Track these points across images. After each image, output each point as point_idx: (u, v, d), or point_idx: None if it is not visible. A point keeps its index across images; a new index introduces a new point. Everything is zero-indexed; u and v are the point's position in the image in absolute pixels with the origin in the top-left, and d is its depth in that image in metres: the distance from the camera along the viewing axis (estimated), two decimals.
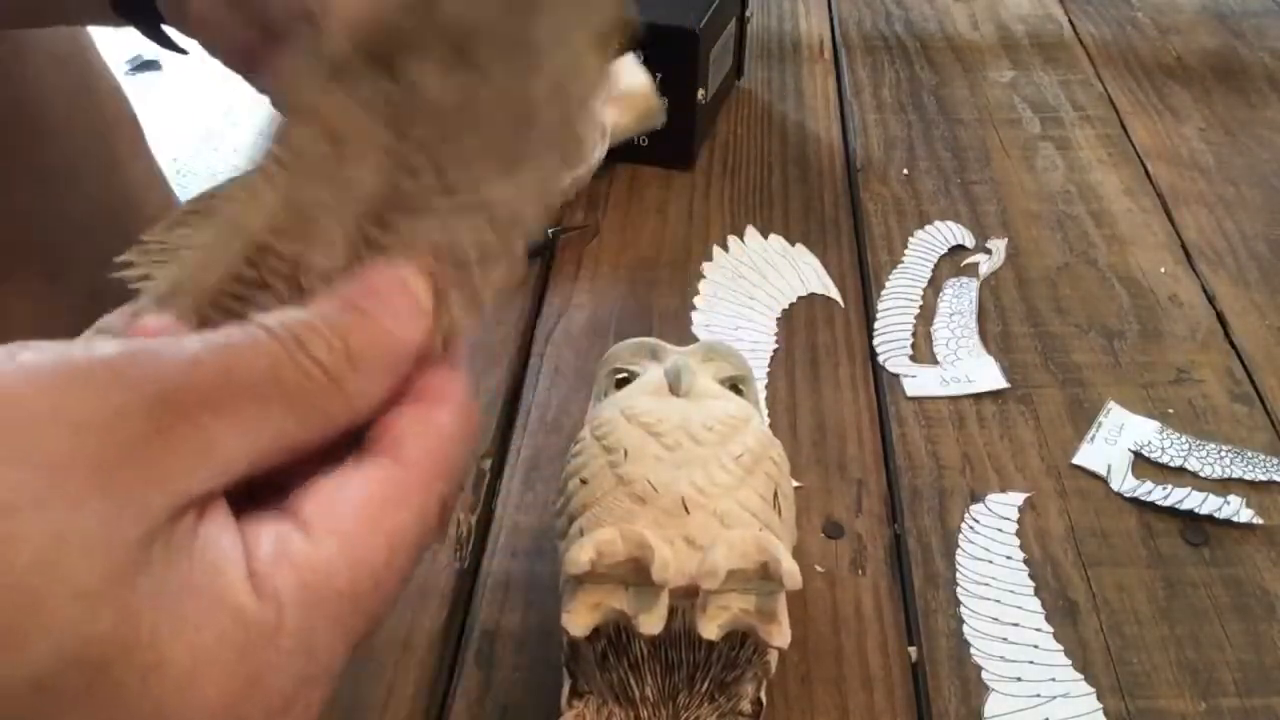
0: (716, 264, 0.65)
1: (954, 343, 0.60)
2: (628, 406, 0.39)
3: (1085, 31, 0.90)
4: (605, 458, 0.37)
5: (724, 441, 0.38)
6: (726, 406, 0.40)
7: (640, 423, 0.38)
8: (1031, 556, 0.48)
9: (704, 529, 0.35)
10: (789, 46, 0.88)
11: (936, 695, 0.43)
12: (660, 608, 0.34)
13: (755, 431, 0.39)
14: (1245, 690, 0.43)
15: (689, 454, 0.37)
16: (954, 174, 0.73)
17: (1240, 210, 0.70)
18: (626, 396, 0.40)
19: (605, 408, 0.40)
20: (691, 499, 0.36)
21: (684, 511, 0.36)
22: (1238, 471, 0.52)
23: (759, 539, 0.34)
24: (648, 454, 0.37)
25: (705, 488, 0.36)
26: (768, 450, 0.39)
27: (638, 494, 0.36)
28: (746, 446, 0.38)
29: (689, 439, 0.37)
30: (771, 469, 0.39)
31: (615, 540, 0.34)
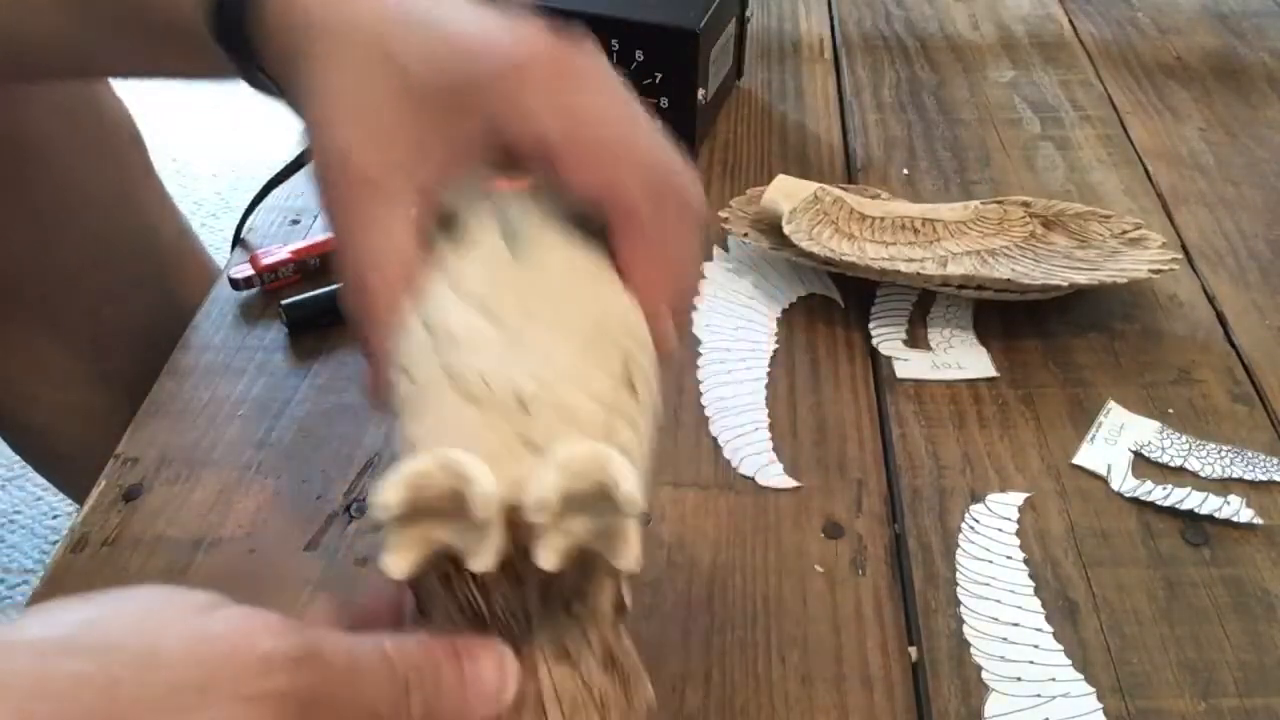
0: (716, 264, 0.65)
1: (948, 332, 0.60)
2: (452, 275, 0.34)
3: (1085, 31, 0.90)
4: (431, 342, 0.33)
5: (566, 316, 0.33)
6: (571, 262, 0.35)
7: (468, 295, 0.33)
8: (1031, 556, 0.48)
9: (547, 429, 0.30)
10: (789, 46, 0.88)
11: (936, 695, 0.43)
12: (491, 541, 0.28)
13: (601, 292, 0.34)
14: (1245, 690, 0.43)
15: (525, 336, 0.32)
16: (954, 174, 0.73)
17: (1240, 210, 0.70)
18: (450, 258, 0.35)
19: (428, 272, 0.35)
20: (529, 394, 0.31)
21: (524, 411, 0.31)
22: (1238, 471, 0.52)
23: (595, 455, 0.29)
24: (478, 338, 0.32)
25: (545, 378, 0.31)
26: (618, 316, 0.34)
27: (470, 392, 0.31)
28: (593, 320, 0.33)
29: (525, 317, 0.33)
30: (620, 335, 0.34)
31: (431, 471, 0.28)
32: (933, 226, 0.63)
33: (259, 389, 0.57)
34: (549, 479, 0.28)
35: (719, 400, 0.56)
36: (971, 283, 0.59)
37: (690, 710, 0.43)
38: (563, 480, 0.28)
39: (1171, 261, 0.60)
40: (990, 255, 0.61)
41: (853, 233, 0.63)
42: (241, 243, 0.66)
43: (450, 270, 0.35)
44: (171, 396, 0.57)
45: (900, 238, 0.62)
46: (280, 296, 0.61)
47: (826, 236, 0.62)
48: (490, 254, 0.35)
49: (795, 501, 0.51)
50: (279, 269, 0.63)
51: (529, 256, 0.35)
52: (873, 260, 0.60)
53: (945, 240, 0.62)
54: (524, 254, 0.35)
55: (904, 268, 0.59)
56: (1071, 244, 0.62)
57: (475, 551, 0.28)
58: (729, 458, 0.53)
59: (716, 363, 0.59)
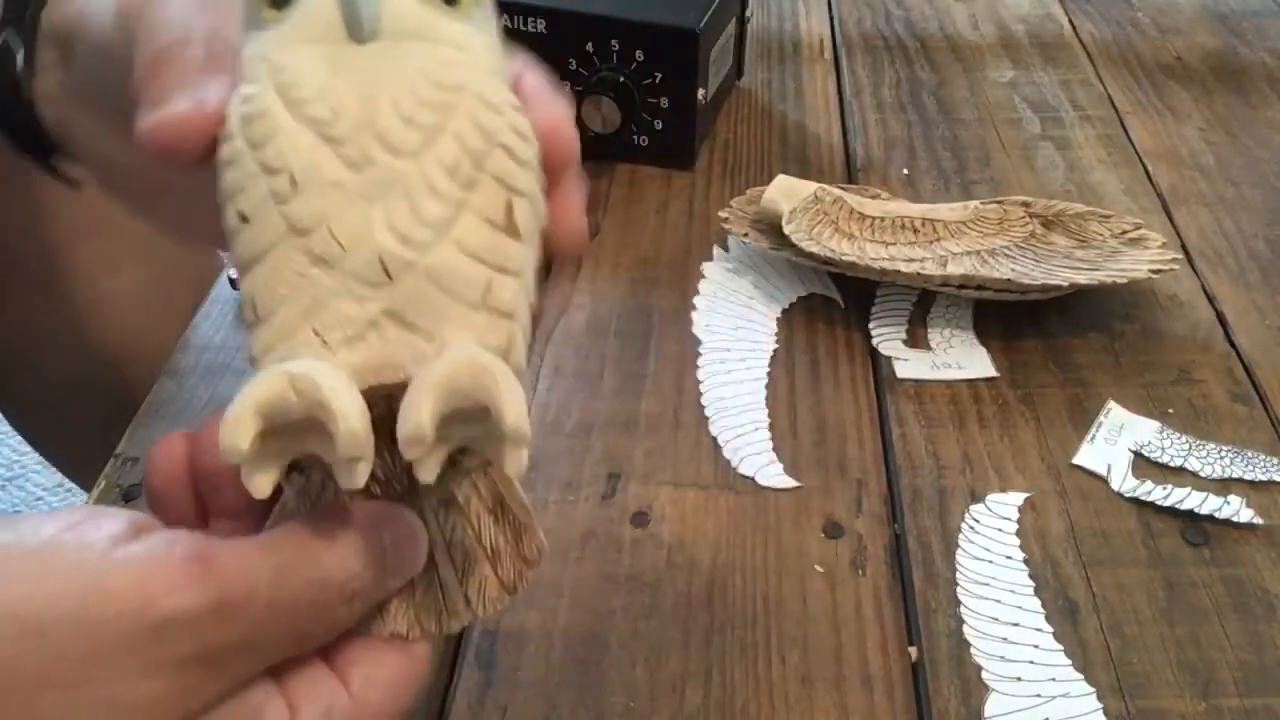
0: (716, 264, 0.65)
1: (948, 332, 0.60)
2: (283, 79, 0.27)
3: (1085, 31, 0.90)
4: (266, 182, 0.27)
5: (432, 140, 0.27)
6: (436, 62, 0.28)
7: (306, 116, 0.27)
8: (1031, 556, 0.48)
9: (414, 299, 0.26)
10: (789, 46, 0.88)
11: (936, 695, 0.43)
12: (362, 467, 0.25)
13: (475, 107, 0.28)
14: (1245, 690, 0.43)
15: (383, 175, 0.26)
16: (954, 174, 0.73)
17: (1240, 210, 0.70)
18: (279, 50, 0.27)
19: (254, 68, 0.28)
20: (392, 255, 0.26)
21: (385, 276, 0.26)
22: (1238, 471, 0.52)
23: (477, 374, 0.25)
24: (324, 179, 0.26)
25: (410, 232, 0.26)
26: (496, 135, 0.28)
27: (317, 252, 0.26)
28: (464, 145, 0.27)
29: (380, 146, 0.27)
30: (502, 164, 0.28)
31: (285, 396, 0.25)
32: (933, 226, 0.63)
33: None
34: (425, 406, 0.25)
35: (719, 400, 0.56)
36: (971, 283, 0.59)
37: (690, 710, 0.43)
38: (441, 405, 0.25)
39: (1171, 261, 0.60)
40: (990, 255, 0.61)
41: (853, 233, 0.63)
42: None
43: (273, 61, 0.27)
44: (171, 396, 0.57)
45: (900, 238, 0.62)
46: None
47: (826, 236, 0.62)
48: (326, 32, 0.27)
49: (795, 501, 0.51)
50: None
51: (380, 37, 0.27)
52: (873, 260, 0.60)
53: (945, 240, 0.62)
54: (373, 33, 0.27)
55: (904, 268, 0.59)
56: (1071, 244, 0.62)
57: (344, 472, 0.25)
58: (729, 458, 0.53)
59: (716, 363, 0.59)
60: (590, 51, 0.69)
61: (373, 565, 0.28)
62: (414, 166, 0.27)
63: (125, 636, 0.24)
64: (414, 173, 0.27)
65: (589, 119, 0.70)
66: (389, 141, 0.26)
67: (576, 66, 0.70)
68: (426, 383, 0.25)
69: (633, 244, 0.67)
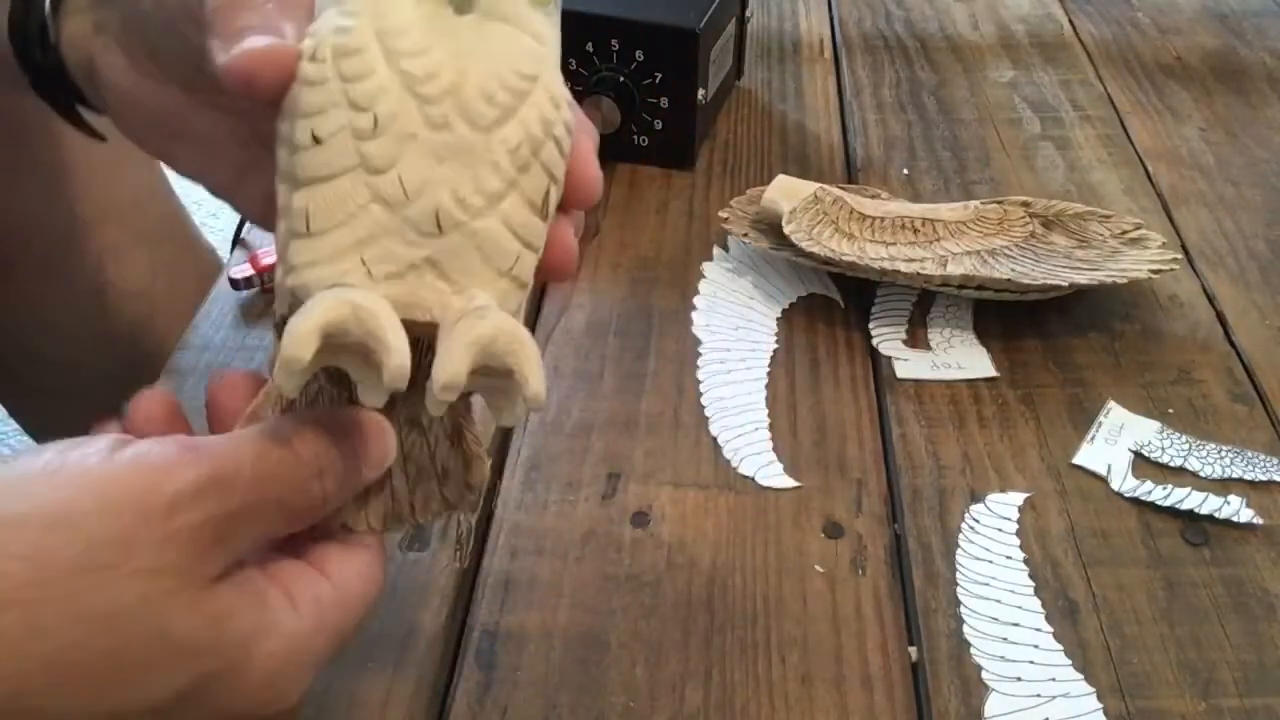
0: (716, 264, 0.65)
1: (948, 332, 0.60)
2: (385, 26, 0.29)
3: (1085, 31, 0.90)
4: (350, 115, 0.29)
5: (502, 122, 0.30)
6: (519, 49, 0.30)
7: (402, 69, 0.29)
8: (1031, 556, 0.48)
9: (455, 255, 0.30)
10: (789, 46, 0.88)
11: (936, 695, 0.43)
12: (388, 390, 0.29)
13: (543, 99, 0.31)
14: (1245, 690, 0.43)
15: (457, 141, 0.29)
16: (954, 174, 0.73)
17: (1240, 210, 0.70)
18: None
19: (351, 2, 0.30)
20: (447, 213, 0.30)
21: (436, 229, 0.30)
22: (1238, 471, 0.52)
23: (512, 337, 0.29)
24: (404, 129, 0.29)
25: (467, 196, 0.30)
26: (552, 127, 0.31)
27: (384, 194, 0.29)
28: (527, 131, 0.30)
29: (460, 115, 0.29)
30: (551, 155, 0.31)
31: (347, 324, 0.28)
32: (933, 226, 0.63)
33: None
34: (464, 360, 0.28)
35: (719, 400, 0.56)
36: (971, 283, 0.59)
37: (690, 710, 0.43)
38: (476, 361, 0.28)
39: (1171, 261, 0.60)
40: (990, 255, 0.61)
41: (853, 233, 0.63)
42: (241, 243, 0.66)
43: (377, 4, 0.30)
44: None
45: (900, 238, 0.62)
46: None
47: (826, 236, 0.62)
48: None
49: (795, 501, 0.51)
50: None
51: (477, 16, 0.30)
52: (873, 260, 0.60)
53: (945, 240, 0.62)
54: (472, 8, 0.30)
55: (904, 268, 0.59)
56: (1071, 244, 0.62)
57: (369, 391, 0.30)
58: (729, 458, 0.53)
59: (716, 363, 0.59)
60: (590, 51, 0.69)
61: (337, 447, 0.31)
62: (483, 140, 0.30)
63: (143, 517, 0.27)
64: (482, 146, 0.30)
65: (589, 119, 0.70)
66: (468, 113, 0.29)
67: (576, 66, 0.70)
68: (469, 338, 0.28)
69: (633, 244, 0.67)
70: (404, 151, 0.29)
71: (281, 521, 0.31)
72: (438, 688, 0.44)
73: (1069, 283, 0.58)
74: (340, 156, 0.29)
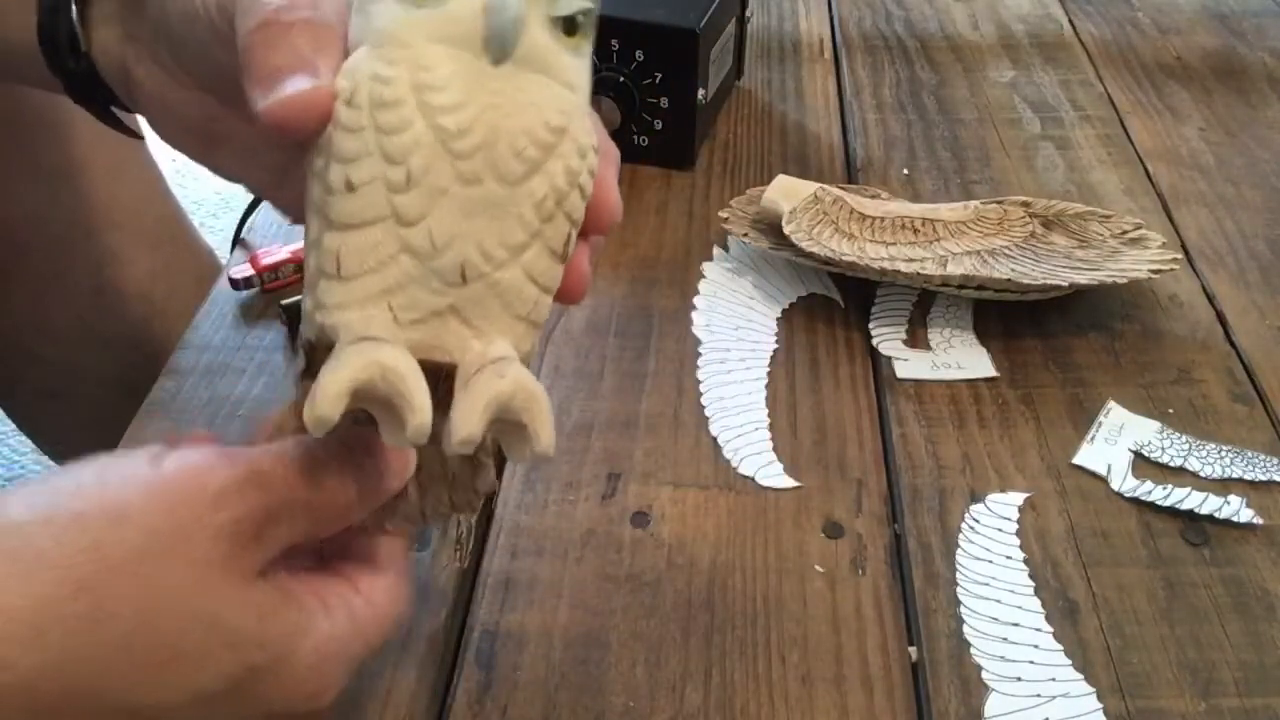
0: (716, 264, 0.65)
1: (948, 332, 0.60)
2: (423, 80, 0.29)
3: (1085, 31, 0.90)
4: (384, 167, 0.30)
5: (529, 176, 0.30)
6: (550, 101, 0.31)
7: (438, 124, 0.29)
8: (1031, 556, 0.48)
9: (477, 303, 0.31)
10: (789, 46, 0.88)
11: (936, 695, 0.43)
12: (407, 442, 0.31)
13: (569, 151, 0.31)
14: (1245, 690, 0.43)
15: (486, 196, 0.30)
16: (954, 174, 0.73)
17: (1240, 210, 0.70)
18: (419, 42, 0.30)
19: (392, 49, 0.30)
20: (472, 266, 0.30)
21: (461, 281, 0.31)
22: (1238, 471, 0.52)
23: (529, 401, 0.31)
24: (436, 185, 0.30)
25: (492, 250, 0.31)
26: (576, 177, 0.31)
27: (413, 245, 0.30)
28: (553, 184, 0.31)
29: (490, 171, 0.30)
30: (574, 203, 0.32)
31: (375, 381, 0.29)
32: (933, 226, 0.63)
33: (259, 389, 0.57)
34: (481, 418, 0.30)
35: (719, 400, 0.56)
36: (971, 283, 0.59)
37: (690, 710, 0.43)
38: (493, 416, 0.30)
39: (1171, 261, 0.60)
40: (990, 255, 0.61)
41: (853, 233, 0.63)
42: (241, 243, 0.66)
43: (416, 56, 0.30)
44: (171, 396, 0.57)
45: (900, 238, 0.62)
46: (280, 296, 0.61)
47: (826, 236, 0.62)
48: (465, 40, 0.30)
49: (795, 501, 0.51)
50: (279, 269, 0.63)
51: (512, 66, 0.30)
52: (873, 260, 0.60)
53: (945, 240, 0.62)
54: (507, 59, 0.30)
55: (904, 268, 0.59)
56: (1071, 244, 0.62)
57: (391, 435, 0.31)
58: (729, 458, 0.53)
59: (716, 363, 0.59)
60: None
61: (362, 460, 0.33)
62: (510, 195, 0.30)
63: (193, 512, 0.29)
64: (509, 200, 0.30)
65: None
66: (499, 169, 0.30)
67: None
68: (488, 396, 0.30)
69: (633, 244, 0.67)
70: (435, 205, 0.30)
71: (311, 525, 0.32)
72: (438, 688, 0.44)
73: (1069, 283, 0.58)
74: (373, 207, 0.30)
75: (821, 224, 0.63)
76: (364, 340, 0.30)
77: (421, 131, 0.29)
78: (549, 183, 0.31)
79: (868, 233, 0.63)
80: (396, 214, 0.30)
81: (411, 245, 0.30)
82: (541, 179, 0.31)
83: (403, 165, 0.29)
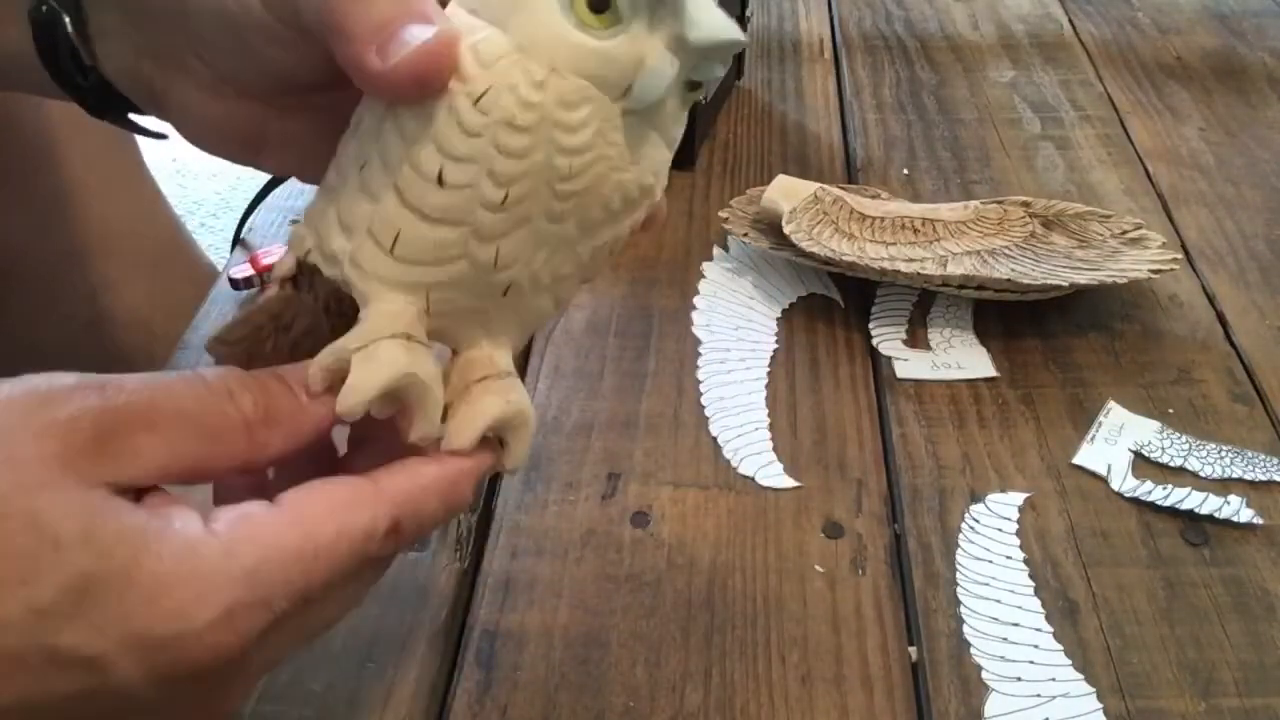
0: (716, 264, 0.65)
1: (949, 332, 0.60)
2: (561, 107, 0.29)
3: (1085, 31, 0.90)
4: (484, 182, 0.29)
5: (606, 225, 0.31)
6: (653, 162, 0.31)
7: (554, 164, 0.29)
8: (1031, 556, 0.48)
9: (503, 314, 0.32)
10: (789, 46, 0.88)
11: (936, 695, 0.43)
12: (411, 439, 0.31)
13: (647, 206, 0.32)
14: (1245, 690, 0.43)
15: (562, 233, 0.30)
16: (954, 174, 0.73)
17: (1240, 210, 0.70)
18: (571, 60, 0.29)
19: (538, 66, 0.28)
20: (518, 287, 0.31)
21: (502, 297, 0.31)
22: (1238, 471, 0.52)
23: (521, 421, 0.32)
24: (526, 215, 0.30)
25: (539, 278, 0.31)
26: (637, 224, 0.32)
27: (477, 258, 0.30)
28: (619, 235, 0.32)
29: (576, 217, 0.30)
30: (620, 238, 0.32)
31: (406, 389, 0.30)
32: (933, 226, 0.63)
33: None
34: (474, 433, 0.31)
35: (719, 400, 0.56)
36: (971, 283, 0.59)
37: (690, 710, 0.43)
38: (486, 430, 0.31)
39: (1171, 261, 0.60)
40: (990, 255, 0.61)
41: (853, 233, 0.63)
42: (241, 243, 0.66)
43: (566, 83, 0.29)
44: None
45: (900, 238, 0.62)
46: None
47: (826, 236, 0.62)
48: (614, 84, 0.29)
49: (795, 501, 0.51)
50: None
51: (638, 118, 0.30)
52: (873, 260, 0.60)
53: (945, 240, 0.62)
54: (637, 108, 0.30)
55: (904, 268, 0.59)
56: (1071, 244, 0.62)
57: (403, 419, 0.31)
58: (729, 458, 0.53)
59: (716, 363, 0.59)
60: None
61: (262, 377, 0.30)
62: (581, 238, 0.31)
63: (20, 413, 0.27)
64: (578, 241, 0.31)
65: None
66: (584, 216, 0.30)
67: None
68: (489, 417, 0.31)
69: (633, 244, 0.66)
70: (515, 230, 0.30)
71: (194, 438, 0.28)
72: (438, 688, 0.44)
73: (1069, 283, 0.58)
74: (456, 210, 0.29)
75: (821, 224, 0.63)
76: (398, 339, 0.30)
77: (536, 164, 0.29)
78: (617, 234, 0.32)
79: (868, 233, 0.63)
80: (477, 229, 0.29)
81: (476, 259, 0.30)
82: (613, 229, 0.31)
83: (504, 189, 0.29)
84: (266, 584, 0.27)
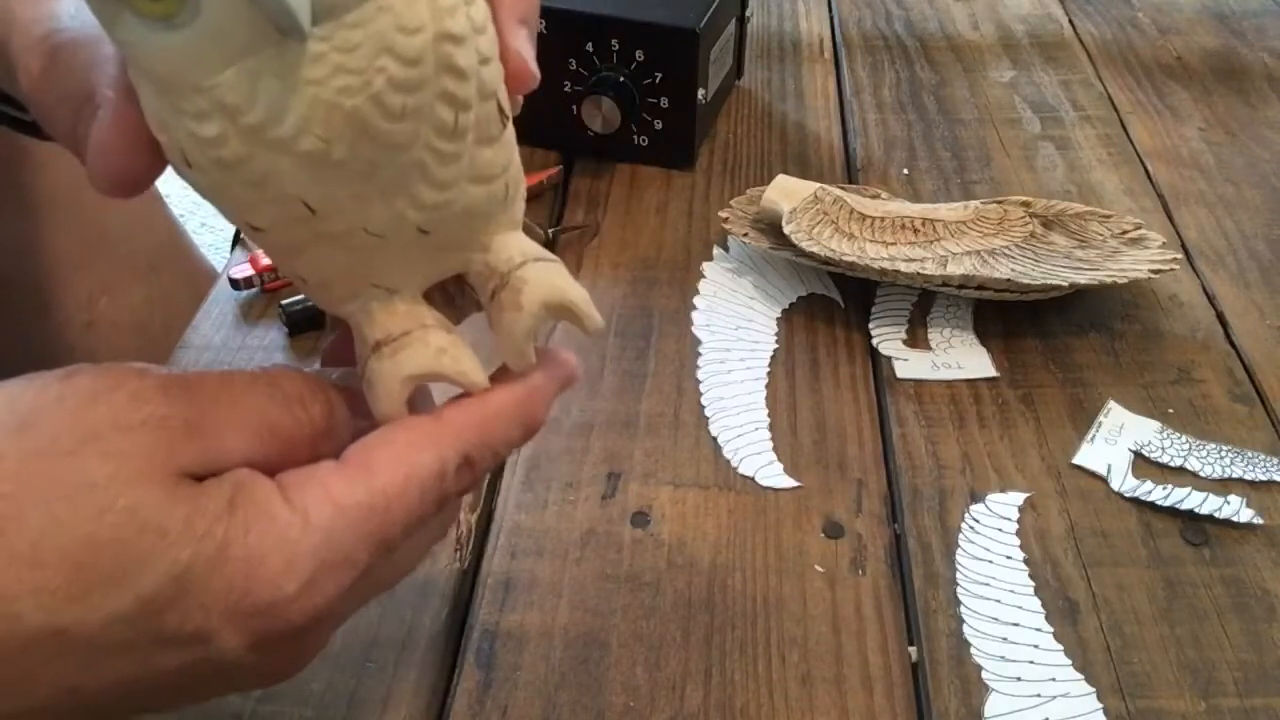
0: (716, 264, 0.65)
1: (949, 332, 0.60)
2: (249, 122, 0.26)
3: (1085, 31, 0.90)
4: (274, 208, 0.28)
5: (422, 117, 0.27)
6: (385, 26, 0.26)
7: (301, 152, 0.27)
8: (1031, 556, 0.48)
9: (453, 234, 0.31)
10: (789, 46, 0.88)
11: (936, 695, 0.43)
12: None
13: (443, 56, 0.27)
14: (1245, 690, 0.43)
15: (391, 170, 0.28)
16: (954, 174, 0.73)
17: (1240, 210, 0.70)
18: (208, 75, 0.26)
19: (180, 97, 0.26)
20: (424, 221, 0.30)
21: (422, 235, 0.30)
22: (1238, 471, 0.52)
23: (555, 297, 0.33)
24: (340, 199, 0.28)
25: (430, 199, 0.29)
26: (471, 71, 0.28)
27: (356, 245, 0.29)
28: (451, 101, 0.28)
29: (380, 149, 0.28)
30: (485, 84, 0.29)
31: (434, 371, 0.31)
32: (933, 226, 0.63)
33: None
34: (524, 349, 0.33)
35: (719, 400, 0.56)
36: (971, 283, 0.59)
37: (690, 710, 0.43)
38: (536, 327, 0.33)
39: (1171, 261, 0.60)
40: (990, 255, 0.61)
41: (853, 233, 0.63)
42: (241, 243, 0.66)
43: (220, 97, 0.26)
44: None
45: (900, 238, 0.62)
46: (280, 296, 0.61)
47: (826, 236, 0.62)
48: (253, 40, 0.25)
49: (795, 501, 0.51)
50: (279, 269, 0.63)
51: (322, 18, 0.26)
52: (873, 260, 0.60)
53: (945, 240, 0.62)
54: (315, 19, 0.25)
55: (904, 268, 0.59)
56: (1071, 244, 0.62)
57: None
58: (729, 458, 0.53)
59: (716, 363, 0.59)
60: (590, 51, 0.69)
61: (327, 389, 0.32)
62: (416, 146, 0.28)
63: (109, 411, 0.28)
64: (418, 152, 0.28)
65: (589, 119, 0.70)
66: (387, 143, 0.27)
67: (576, 66, 0.70)
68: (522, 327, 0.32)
69: (633, 244, 0.67)
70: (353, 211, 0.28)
71: (271, 441, 0.29)
72: (438, 688, 0.44)
73: (1069, 283, 0.58)
74: (292, 235, 0.29)
75: (821, 224, 0.63)
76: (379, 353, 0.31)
77: (291, 168, 0.27)
78: (446, 106, 0.27)
79: (868, 233, 0.63)
80: (319, 235, 0.29)
81: (355, 246, 0.29)
82: (435, 109, 0.27)
83: (296, 200, 0.28)
84: (346, 542, 0.29)
